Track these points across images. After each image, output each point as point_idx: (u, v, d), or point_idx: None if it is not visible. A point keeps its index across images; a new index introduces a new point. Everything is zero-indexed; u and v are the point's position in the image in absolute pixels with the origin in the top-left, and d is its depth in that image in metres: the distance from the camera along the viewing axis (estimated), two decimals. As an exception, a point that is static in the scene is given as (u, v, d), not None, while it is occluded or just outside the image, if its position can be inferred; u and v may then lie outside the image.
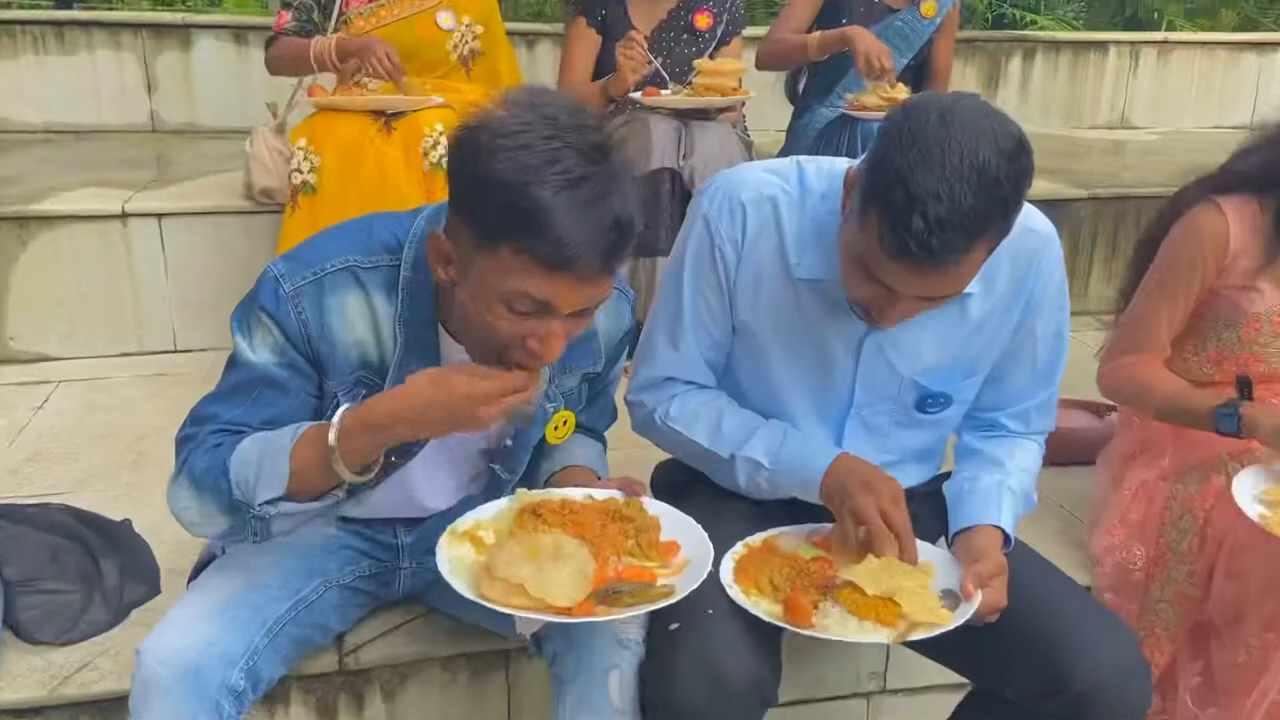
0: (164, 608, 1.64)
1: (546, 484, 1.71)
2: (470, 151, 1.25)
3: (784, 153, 3.45)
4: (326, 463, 1.30)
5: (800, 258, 1.59)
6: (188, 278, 3.17)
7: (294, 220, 2.74)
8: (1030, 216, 1.60)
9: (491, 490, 1.69)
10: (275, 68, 2.99)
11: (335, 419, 1.30)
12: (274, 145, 2.99)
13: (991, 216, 1.32)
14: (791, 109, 3.54)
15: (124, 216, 3.10)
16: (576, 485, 1.61)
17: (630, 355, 1.78)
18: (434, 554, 1.42)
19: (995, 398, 1.75)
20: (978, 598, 1.47)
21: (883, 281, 1.39)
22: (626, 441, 1.90)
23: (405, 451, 1.55)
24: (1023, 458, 1.75)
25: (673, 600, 1.35)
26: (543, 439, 1.68)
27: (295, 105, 3.10)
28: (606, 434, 1.87)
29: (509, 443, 1.64)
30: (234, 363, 1.44)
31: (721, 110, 3.10)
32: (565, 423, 1.67)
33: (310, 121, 2.84)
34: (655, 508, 1.54)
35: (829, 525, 1.66)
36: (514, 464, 1.67)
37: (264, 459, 1.33)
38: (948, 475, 1.82)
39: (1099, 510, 2.17)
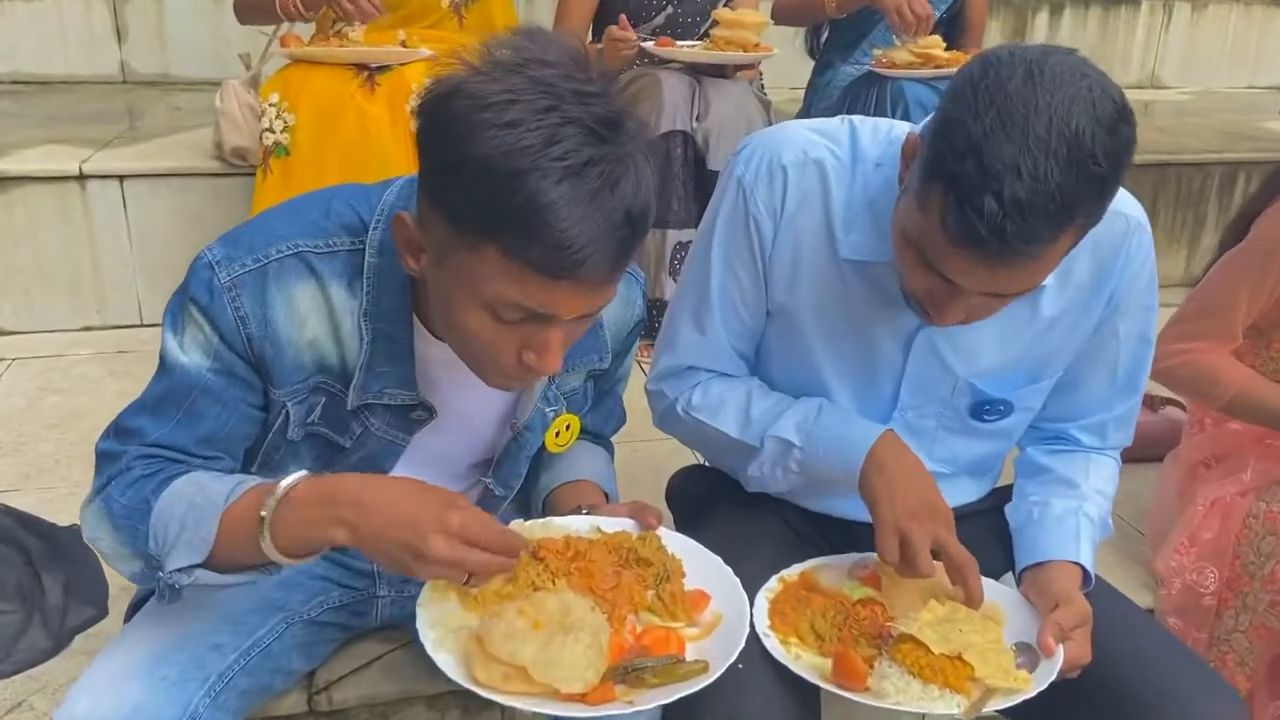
0: (112, 634, 1.41)
1: (545, 503, 1.48)
2: (443, 126, 1.00)
3: (803, 115, 3.17)
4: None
5: (848, 235, 1.36)
6: (154, 245, 2.91)
7: (266, 186, 2.48)
8: (1118, 199, 1.36)
9: (483, 508, 1.46)
10: (242, 16, 2.71)
11: (281, 487, 1.07)
12: (246, 100, 2.72)
13: (1082, 200, 1.08)
14: (811, 65, 3.26)
15: (82, 178, 2.84)
16: (582, 508, 1.39)
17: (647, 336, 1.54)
18: (415, 580, 1.19)
19: (1066, 408, 1.52)
20: (1059, 655, 1.25)
21: (943, 273, 1.16)
22: (637, 435, 1.66)
23: (374, 466, 1.32)
24: (1098, 478, 1.52)
25: (708, 679, 1.11)
26: (542, 447, 1.44)
27: (270, 56, 2.82)
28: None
29: (504, 453, 1.41)
30: (163, 364, 1.21)
31: (740, 67, 2.83)
32: (568, 428, 1.44)
33: (283, 75, 2.56)
34: (676, 544, 1.30)
35: (875, 556, 1.43)
36: (509, 477, 1.44)
37: (190, 515, 1.10)
38: (1004, 491, 1.59)
39: (1164, 525, 1.95)
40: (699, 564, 1.28)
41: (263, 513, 1.06)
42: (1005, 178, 1.05)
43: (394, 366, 1.24)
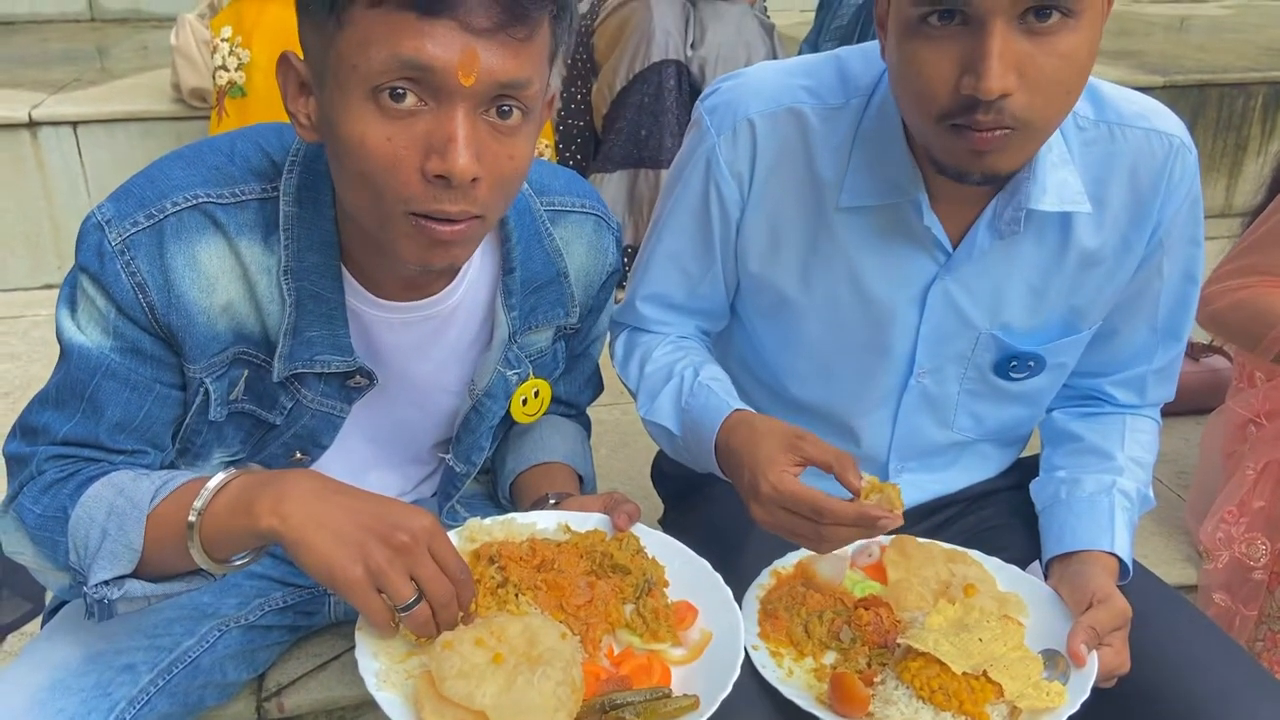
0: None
1: (512, 488, 1.33)
2: None
3: (812, 37, 2.93)
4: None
5: (844, 179, 1.17)
6: (115, 196, 2.73)
7: (222, 131, 2.27)
8: (1157, 114, 1.19)
9: (445, 487, 1.33)
10: None
11: (211, 485, 0.96)
12: (204, 37, 2.51)
13: None
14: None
15: (32, 125, 2.65)
16: (549, 497, 1.23)
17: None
18: None
19: (1100, 360, 1.33)
20: (1093, 665, 1.07)
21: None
22: (629, 396, 1.48)
23: (310, 442, 1.20)
24: (1136, 444, 1.33)
25: (700, 719, 0.94)
26: (510, 420, 1.28)
27: (232, -14, 2.60)
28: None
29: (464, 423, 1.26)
30: (61, 347, 1.07)
31: (738, -14, 2.60)
32: (536, 394, 1.28)
33: (236, 6, 2.35)
34: (656, 545, 1.14)
35: (880, 538, 1.27)
36: (470, 451, 1.29)
37: (111, 520, 0.98)
38: (1029, 464, 1.41)
39: (1208, 490, 1.77)
40: (683, 569, 1.12)
41: (190, 517, 0.94)
42: None
43: (325, 329, 1.09)
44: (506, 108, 0.93)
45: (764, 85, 1.19)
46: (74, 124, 2.68)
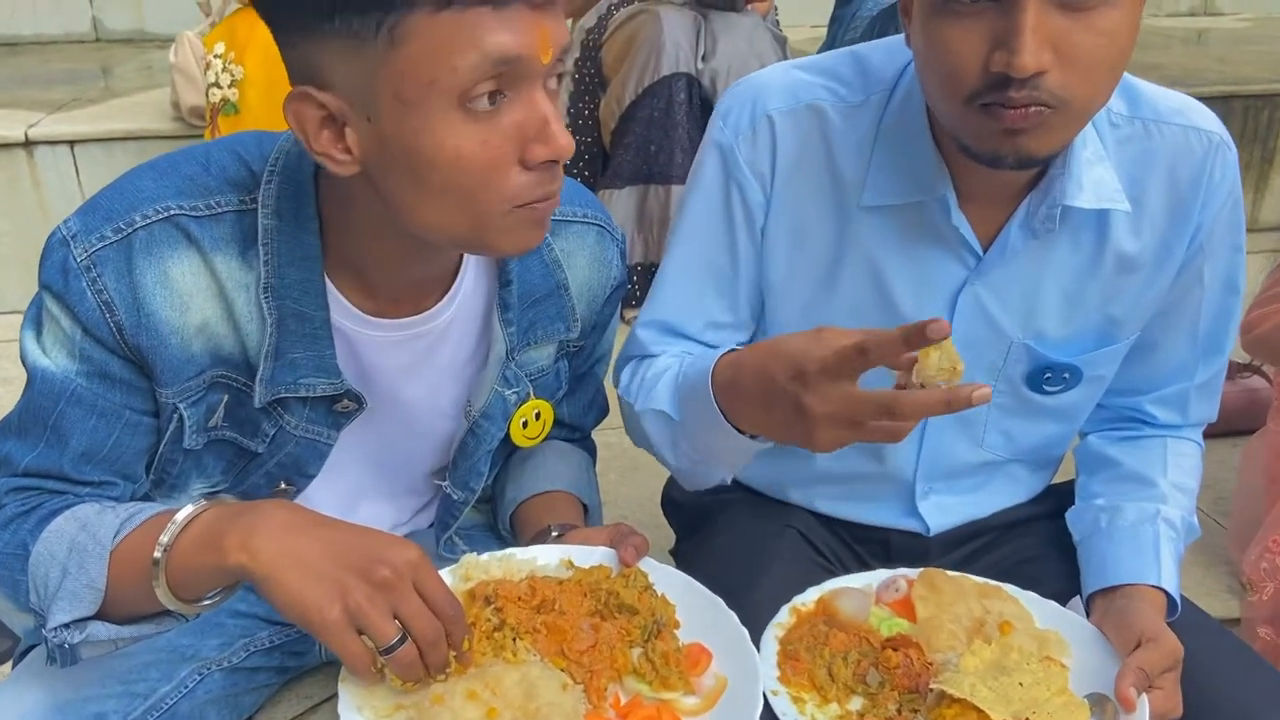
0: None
1: (513, 519, 1.25)
2: None
3: (825, 50, 2.87)
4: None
5: (867, 178, 1.10)
6: (113, 216, 2.69)
7: (215, 148, 2.22)
8: (1195, 111, 1.12)
9: (442, 516, 1.24)
10: None
11: (179, 518, 0.89)
12: (203, 54, 2.45)
13: None
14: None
15: (28, 144, 2.61)
16: (552, 529, 1.15)
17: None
18: None
19: (1139, 376, 1.25)
20: (1144, 709, 0.99)
21: None
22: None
23: (296, 471, 1.11)
24: (1178, 469, 1.25)
25: None
26: (510, 446, 1.21)
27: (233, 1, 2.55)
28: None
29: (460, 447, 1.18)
30: (27, 372, 0.99)
31: (750, -2, 2.55)
32: (537, 417, 1.20)
33: (230, 22, 2.30)
34: (665, 581, 1.05)
35: (907, 571, 1.18)
36: (468, 477, 1.20)
37: (73, 557, 0.91)
38: (1064, 491, 1.33)
39: (1251, 518, 1.68)
40: (695, 608, 1.03)
41: (155, 553, 0.87)
42: None
43: (309, 350, 1.02)
44: (555, 77, 0.92)
45: (780, 82, 1.14)
46: (71, 143, 2.64)
